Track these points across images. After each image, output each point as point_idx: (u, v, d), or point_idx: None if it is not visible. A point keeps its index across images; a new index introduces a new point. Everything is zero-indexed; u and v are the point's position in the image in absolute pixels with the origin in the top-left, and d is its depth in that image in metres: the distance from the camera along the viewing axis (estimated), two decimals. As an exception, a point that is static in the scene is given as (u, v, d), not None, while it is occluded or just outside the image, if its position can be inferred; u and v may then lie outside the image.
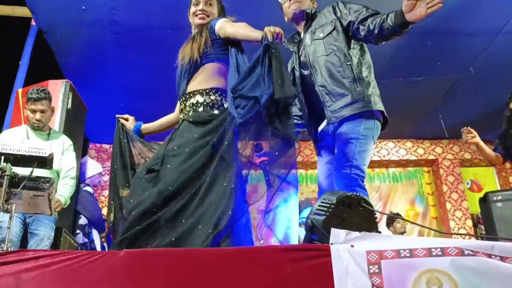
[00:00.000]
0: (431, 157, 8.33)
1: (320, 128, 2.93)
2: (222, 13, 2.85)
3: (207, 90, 2.61)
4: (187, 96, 2.65)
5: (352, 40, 2.81)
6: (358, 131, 2.62)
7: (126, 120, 2.94)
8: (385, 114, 2.77)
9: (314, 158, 7.81)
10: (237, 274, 1.61)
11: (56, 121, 4.57)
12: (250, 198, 2.44)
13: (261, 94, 2.32)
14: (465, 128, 3.93)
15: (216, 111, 2.57)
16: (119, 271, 1.65)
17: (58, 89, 4.74)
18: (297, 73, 2.96)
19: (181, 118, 2.67)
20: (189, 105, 2.62)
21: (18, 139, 3.74)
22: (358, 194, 1.95)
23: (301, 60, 2.94)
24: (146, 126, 2.95)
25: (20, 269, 1.63)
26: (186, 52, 2.71)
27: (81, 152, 5.07)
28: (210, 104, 2.58)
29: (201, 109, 2.57)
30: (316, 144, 3.01)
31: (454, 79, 6.47)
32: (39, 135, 3.85)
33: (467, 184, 8.01)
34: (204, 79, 2.65)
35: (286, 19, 3.05)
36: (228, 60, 2.65)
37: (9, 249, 2.13)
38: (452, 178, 8.15)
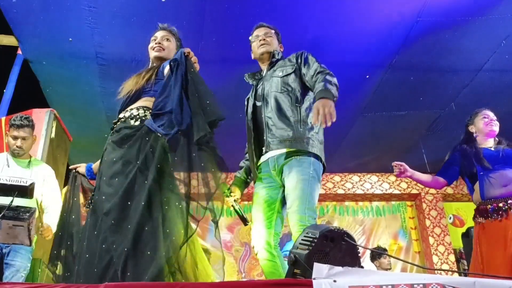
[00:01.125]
0: (414, 191, 8.38)
1: (262, 159, 2.98)
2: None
3: (137, 107, 2.54)
4: (116, 121, 2.57)
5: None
6: (308, 173, 2.72)
7: (80, 167, 2.82)
8: (323, 161, 2.86)
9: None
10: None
11: (39, 150, 4.53)
12: None
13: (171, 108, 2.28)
14: (395, 163, 3.67)
15: (136, 123, 2.47)
16: (98, 305, 1.61)
17: (42, 118, 4.71)
18: (250, 103, 3.11)
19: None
20: (116, 125, 2.55)
21: (-2, 167, 3.70)
22: (341, 228, 1.95)
23: (258, 92, 3.10)
24: (95, 165, 2.80)
25: (-5, 302, 1.59)
26: (127, 85, 2.67)
27: (63, 182, 5.02)
28: (132, 116, 2.49)
29: (124, 123, 2.48)
30: (256, 173, 3.04)
31: (436, 114, 6.59)
32: (20, 163, 3.80)
33: (450, 219, 8.06)
34: (136, 104, 2.58)
35: (252, 56, 3.23)
36: None
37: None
38: (435, 212, 8.20)
